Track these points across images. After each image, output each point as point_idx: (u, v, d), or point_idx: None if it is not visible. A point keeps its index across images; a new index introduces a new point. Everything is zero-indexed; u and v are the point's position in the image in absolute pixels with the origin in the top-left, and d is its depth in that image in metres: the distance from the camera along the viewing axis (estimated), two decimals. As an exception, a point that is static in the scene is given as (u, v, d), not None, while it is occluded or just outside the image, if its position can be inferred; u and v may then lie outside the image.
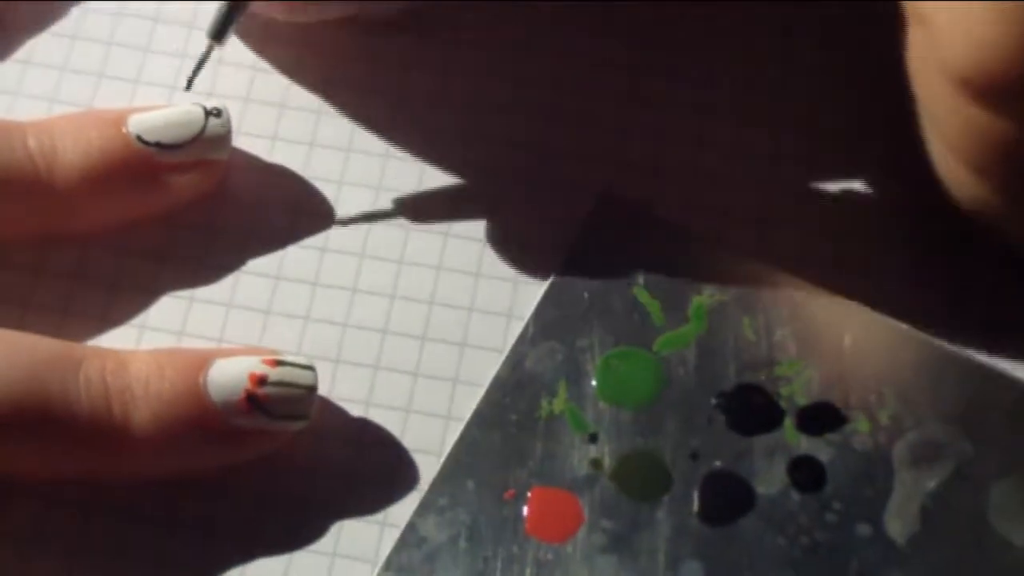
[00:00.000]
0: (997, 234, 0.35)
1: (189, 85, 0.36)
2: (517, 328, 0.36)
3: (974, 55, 0.30)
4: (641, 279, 0.37)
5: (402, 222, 0.38)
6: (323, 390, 0.35)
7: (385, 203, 0.38)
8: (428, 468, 0.35)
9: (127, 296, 0.37)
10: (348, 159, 0.38)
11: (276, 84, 0.39)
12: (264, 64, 0.40)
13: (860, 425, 0.36)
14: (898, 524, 0.35)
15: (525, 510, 0.35)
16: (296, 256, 0.37)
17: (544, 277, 0.37)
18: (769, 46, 0.41)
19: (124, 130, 0.36)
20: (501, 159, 0.39)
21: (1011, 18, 0.29)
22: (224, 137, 0.37)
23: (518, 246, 0.37)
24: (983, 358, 0.36)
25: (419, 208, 0.38)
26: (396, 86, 0.39)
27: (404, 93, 0.39)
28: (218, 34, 0.36)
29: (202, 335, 0.36)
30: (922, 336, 0.36)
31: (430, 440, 0.35)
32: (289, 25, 0.39)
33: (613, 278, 0.37)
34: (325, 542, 0.34)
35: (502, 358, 0.36)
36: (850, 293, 0.37)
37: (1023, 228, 0.35)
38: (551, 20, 0.40)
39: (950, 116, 0.32)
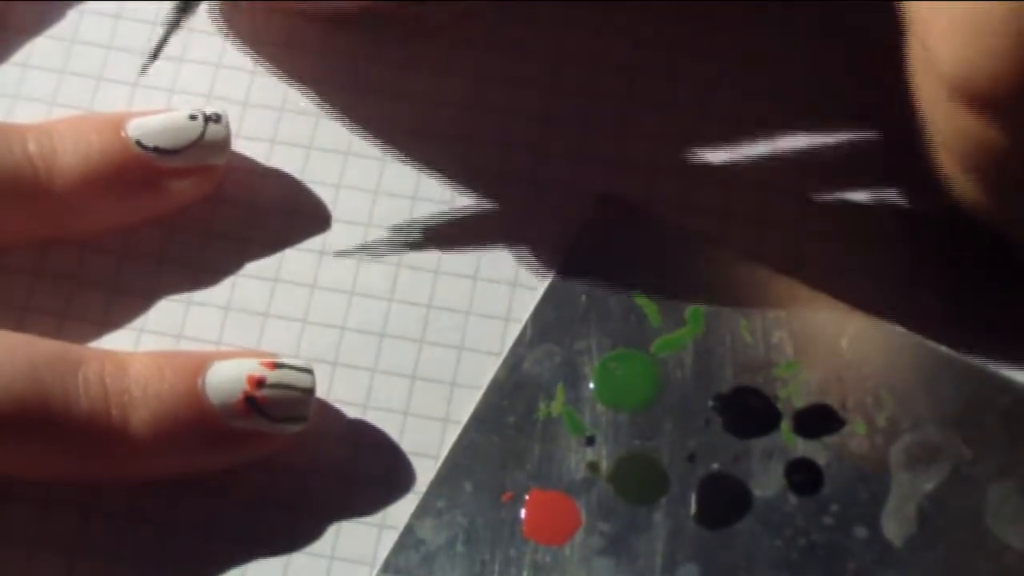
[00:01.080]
0: (997, 231, 0.35)
1: (155, 56, 0.35)
2: (515, 331, 0.37)
3: (964, 68, 0.30)
4: (639, 281, 0.37)
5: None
6: (321, 392, 0.35)
7: (382, 207, 0.38)
8: (426, 470, 0.35)
9: (126, 299, 0.37)
10: (346, 162, 0.38)
11: (275, 88, 0.39)
12: (262, 68, 0.40)
13: (857, 427, 0.36)
14: (895, 526, 0.35)
15: (523, 512, 0.35)
16: (294, 259, 0.37)
17: (542, 280, 0.37)
18: (769, 46, 0.40)
19: (123, 134, 0.36)
20: (500, 161, 0.39)
21: (1000, 33, 0.29)
22: (223, 142, 0.37)
23: (516, 248, 0.38)
24: (980, 360, 0.36)
25: (414, 210, 0.38)
26: (394, 88, 0.39)
27: (402, 95, 0.39)
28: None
29: (200, 338, 0.36)
30: (919, 339, 0.36)
31: (428, 443, 0.35)
32: (284, 28, 0.39)
33: (611, 280, 0.37)
34: (323, 544, 0.34)
35: (500, 361, 0.36)
36: (847, 295, 0.37)
37: (1015, 227, 0.35)
38: (551, 20, 0.40)
39: (945, 119, 0.32)
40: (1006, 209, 0.34)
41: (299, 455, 0.35)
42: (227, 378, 0.33)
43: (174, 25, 0.36)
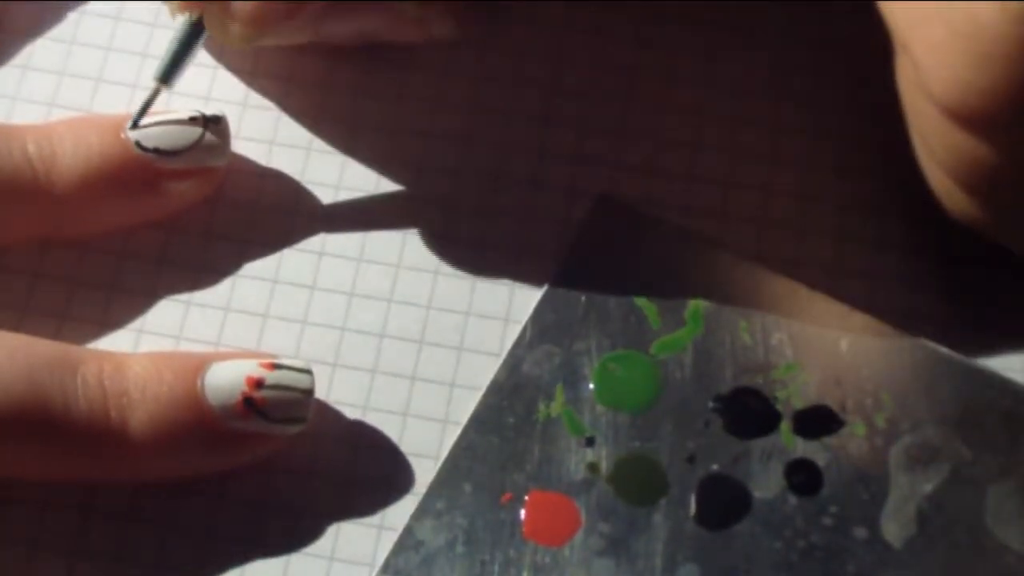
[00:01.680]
0: (989, 239, 0.35)
1: (134, 125, 0.36)
2: (514, 332, 0.37)
3: (955, 90, 0.30)
4: (638, 282, 0.37)
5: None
6: (320, 394, 0.35)
7: (380, 207, 0.38)
8: (425, 472, 0.35)
9: (125, 299, 0.37)
10: (345, 163, 0.38)
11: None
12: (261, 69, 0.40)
13: (856, 428, 0.36)
14: (895, 527, 0.35)
15: (522, 514, 0.35)
16: (293, 260, 0.37)
17: (541, 280, 0.37)
18: (769, 47, 0.40)
19: (123, 136, 0.36)
20: (499, 160, 0.39)
21: (990, 55, 0.29)
22: (222, 145, 0.37)
23: (515, 249, 0.38)
24: (979, 361, 0.36)
25: (414, 211, 0.38)
26: (393, 89, 0.39)
27: (401, 96, 0.39)
28: (166, 77, 0.36)
29: (200, 339, 0.36)
30: (918, 339, 0.36)
31: (427, 444, 0.35)
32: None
33: (610, 281, 0.37)
34: (322, 545, 0.34)
35: (499, 362, 0.36)
36: (847, 296, 0.37)
37: (1011, 237, 0.35)
38: (551, 20, 0.40)
39: (937, 136, 0.32)
40: (999, 223, 0.34)
41: (298, 457, 0.35)
42: (226, 379, 0.33)
43: (152, 98, 0.36)
